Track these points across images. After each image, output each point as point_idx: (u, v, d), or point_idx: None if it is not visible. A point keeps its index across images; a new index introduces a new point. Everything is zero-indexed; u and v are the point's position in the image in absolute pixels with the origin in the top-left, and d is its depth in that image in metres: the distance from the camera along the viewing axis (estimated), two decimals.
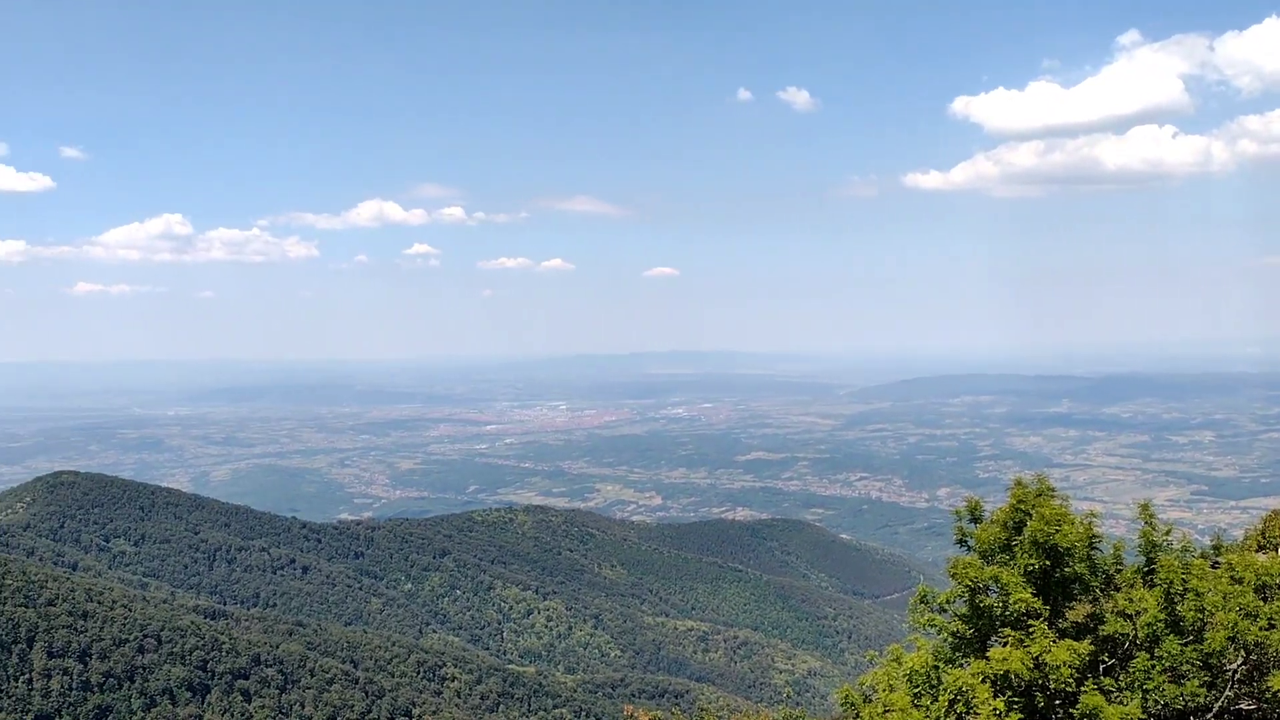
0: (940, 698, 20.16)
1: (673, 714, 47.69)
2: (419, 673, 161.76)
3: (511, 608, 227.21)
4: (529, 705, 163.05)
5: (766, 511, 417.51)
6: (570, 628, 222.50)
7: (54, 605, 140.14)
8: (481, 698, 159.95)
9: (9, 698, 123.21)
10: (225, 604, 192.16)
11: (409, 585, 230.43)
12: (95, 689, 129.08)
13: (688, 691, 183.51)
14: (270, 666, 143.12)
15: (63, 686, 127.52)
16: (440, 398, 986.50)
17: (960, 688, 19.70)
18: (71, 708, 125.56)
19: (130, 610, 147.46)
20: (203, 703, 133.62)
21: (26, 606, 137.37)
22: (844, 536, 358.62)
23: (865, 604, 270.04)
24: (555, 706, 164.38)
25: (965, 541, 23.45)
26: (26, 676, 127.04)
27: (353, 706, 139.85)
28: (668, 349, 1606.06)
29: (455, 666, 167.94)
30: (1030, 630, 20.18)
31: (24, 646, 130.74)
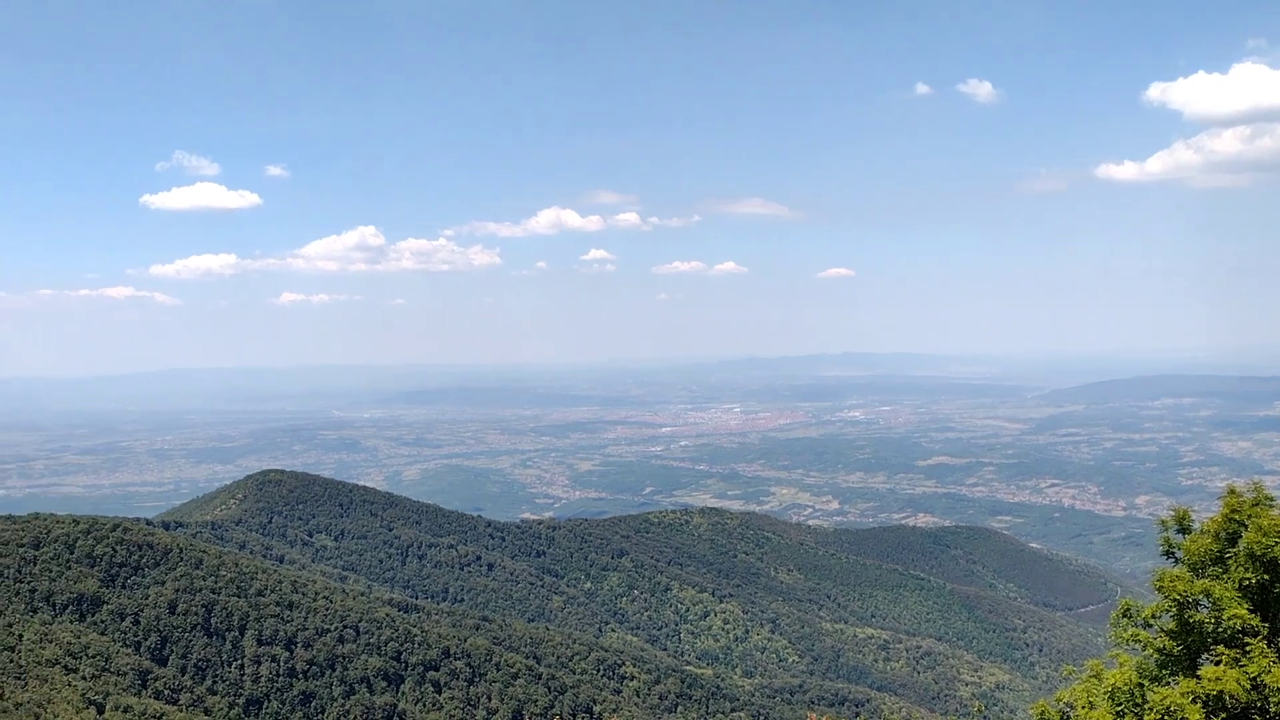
0: (1146, 717, 19.18)
1: None
2: (599, 670, 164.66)
3: (688, 609, 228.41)
4: (707, 707, 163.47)
5: (950, 518, 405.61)
6: (747, 631, 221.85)
7: (263, 596, 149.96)
8: (660, 698, 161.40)
9: (223, 681, 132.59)
10: (417, 598, 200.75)
11: (588, 584, 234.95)
12: (300, 675, 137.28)
13: (869, 700, 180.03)
14: (459, 659, 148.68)
15: (271, 672, 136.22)
16: (617, 400, 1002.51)
17: (1168, 707, 18.69)
18: (279, 693, 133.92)
19: (331, 602, 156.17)
20: (397, 692, 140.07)
21: (239, 596, 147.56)
22: (1034, 545, 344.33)
23: (1057, 616, 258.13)
24: (733, 710, 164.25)
25: (1172, 553, 22.22)
26: (239, 662, 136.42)
27: (536, 701, 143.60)
28: (842, 351, 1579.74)
29: (634, 666, 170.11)
30: (1247, 649, 18.94)
31: (236, 634, 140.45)
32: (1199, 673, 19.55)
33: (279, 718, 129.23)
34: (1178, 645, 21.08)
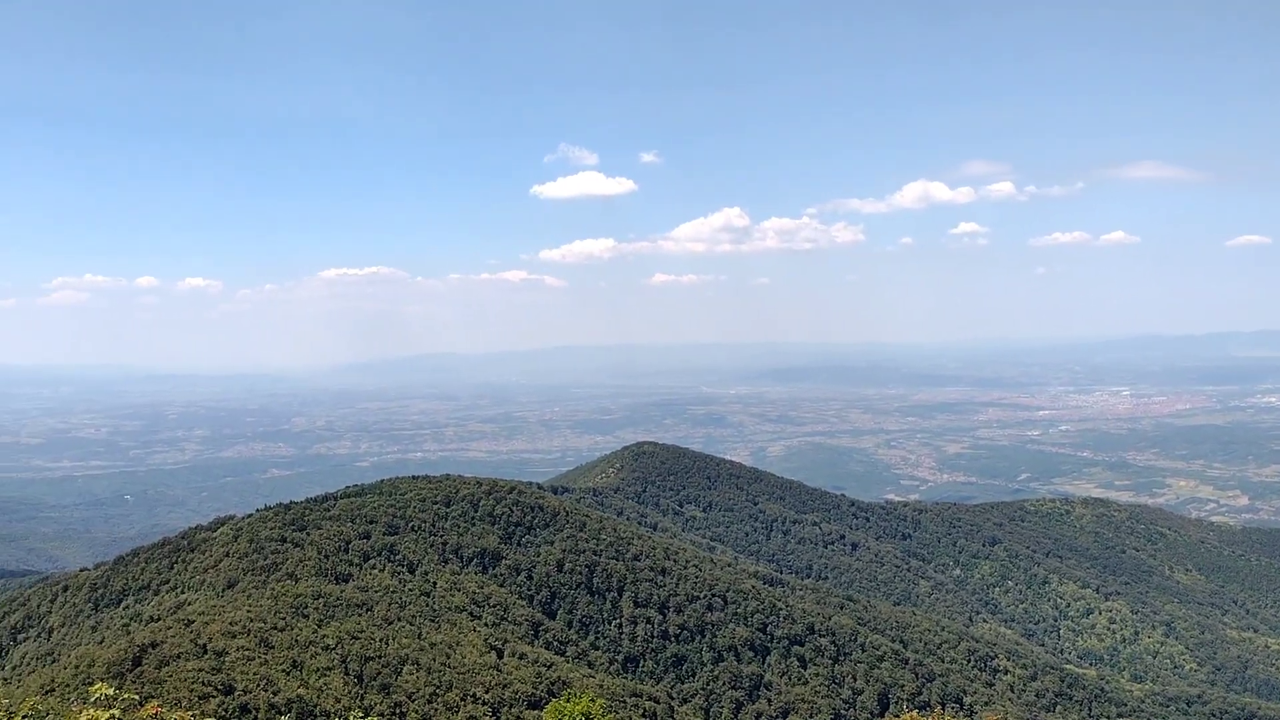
0: None
1: None
2: (969, 661, 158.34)
3: (1069, 605, 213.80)
4: (1089, 710, 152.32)
5: None
6: (1136, 633, 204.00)
7: (639, 560, 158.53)
8: (1036, 695, 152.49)
9: (604, 638, 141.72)
10: (781, 572, 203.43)
11: (957, 571, 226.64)
12: (672, 639, 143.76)
13: None
14: (824, 637, 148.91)
15: (646, 633, 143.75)
16: (988, 381, 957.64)
17: None
18: (653, 654, 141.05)
19: (700, 570, 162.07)
20: (763, 663, 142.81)
21: (618, 559, 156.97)
22: None
23: None
24: (1119, 715, 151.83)
25: None
26: (617, 621, 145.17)
27: (903, 686, 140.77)
28: (1255, 329, 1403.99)
29: (1008, 659, 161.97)
30: None
31: (615, 595, 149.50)
32: None
33: (653, 676, 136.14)
34: None
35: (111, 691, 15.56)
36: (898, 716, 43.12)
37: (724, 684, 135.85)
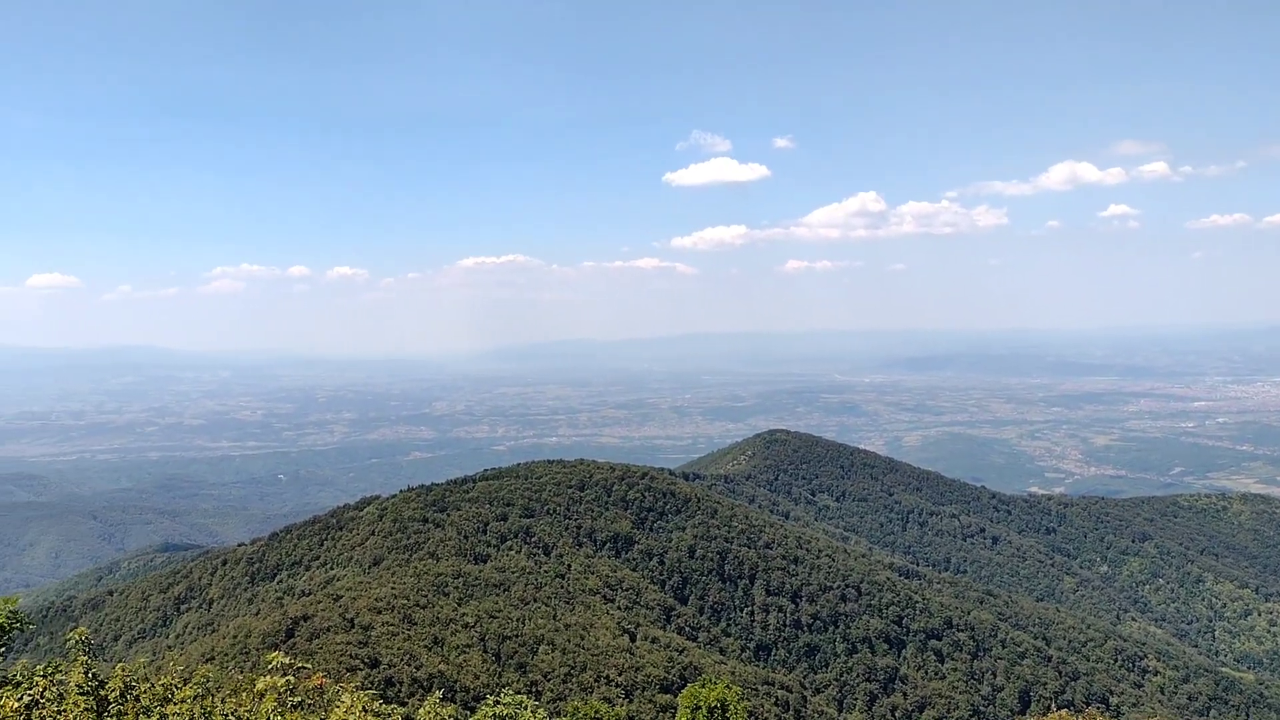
0: None
1: None
2: (1116, 660, 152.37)
3: (1225, 605, 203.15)
4: (1246, 715, 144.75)
5: None
6: None
7: (770, 549, 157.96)
8: (1189, 699, 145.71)
9: (735, 625, 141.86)
10: (917, 564, 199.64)
11: (1104, 568, 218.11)
12: (805, 629, 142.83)
13: None
14: (962, 631, 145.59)
15: (778, 622, 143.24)
16: (1139, 370, 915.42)
17: None
18: (785, 642, 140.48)
19: (834, 560, 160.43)
20: (898, 656, 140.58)
21: (749, 547, 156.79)
22: None
23: None
24: None
25: None
26: (749, 609, 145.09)
27: (1045, 684, 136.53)
28: None
29: (1158, 660, 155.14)
30: None
31: (746, 582, 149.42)
32: None
33: (785, 665, 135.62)
34: None
35: (286, 660, 16.60)
36: (1043, 715, 41.94)
37: (858, 676, 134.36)
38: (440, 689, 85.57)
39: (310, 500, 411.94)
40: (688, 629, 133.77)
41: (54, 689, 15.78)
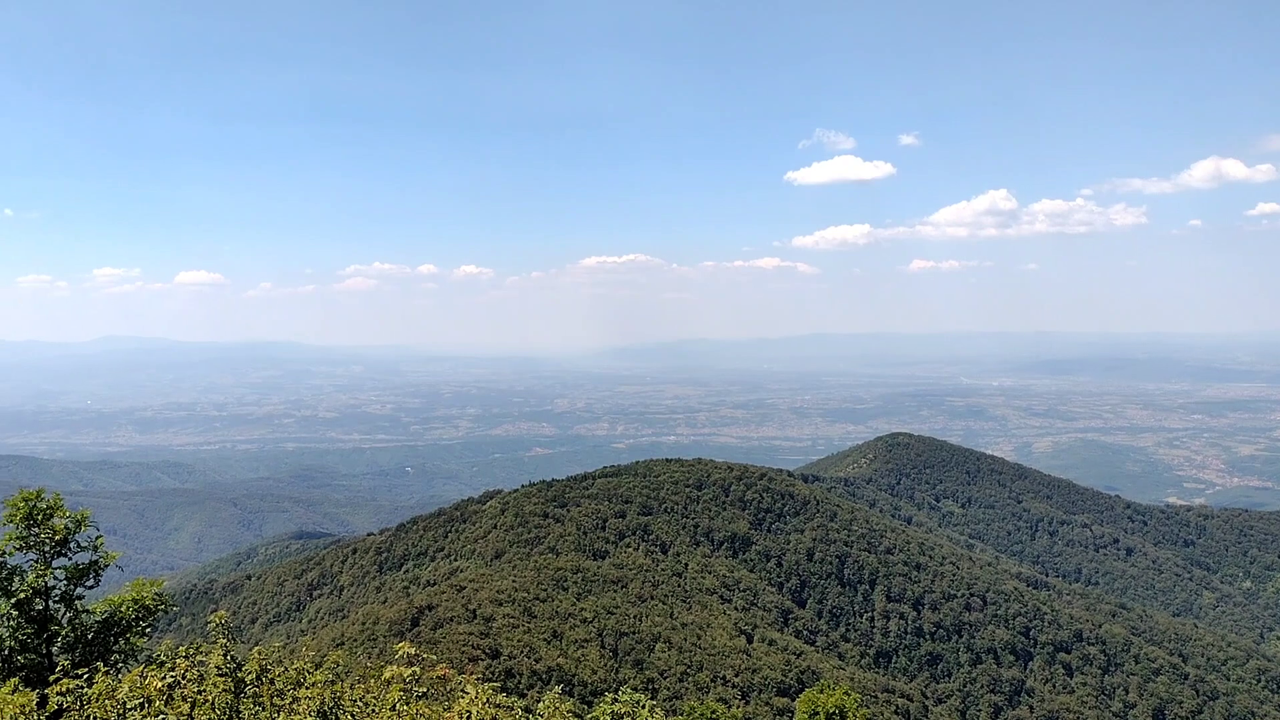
0: None
1: None
2: (1259, 681, 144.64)
3: None
4: None
5: None
6: None
7: (892, 554, 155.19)
8: None
9: (855, 630, 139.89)
10: (1046, 575, 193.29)
11: (1248, 583, 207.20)
12: (927, 637, 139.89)
13: None
14: (1093, 645, 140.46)
15: (899, 629, 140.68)
16: None
17: None
18: (906, 650, 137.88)
19: (958, 568, 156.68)
20: (1025, 668, 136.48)
21: (869, 552, 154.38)
22: None
23: None
24: None
25: None
26: (869, 614, 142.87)
27: (1181, 703, 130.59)
28: None
29: None
30: None
31: (867, 588, 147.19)
32: None
33: (906, 673, 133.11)
34: None
35: (412, 650, 17.24)
36: None
37: (982, 687, 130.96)
38: (559, 683, 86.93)
39: (435, 493, 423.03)
40: (805, 632, 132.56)
41: (194, 670, 16.68)
